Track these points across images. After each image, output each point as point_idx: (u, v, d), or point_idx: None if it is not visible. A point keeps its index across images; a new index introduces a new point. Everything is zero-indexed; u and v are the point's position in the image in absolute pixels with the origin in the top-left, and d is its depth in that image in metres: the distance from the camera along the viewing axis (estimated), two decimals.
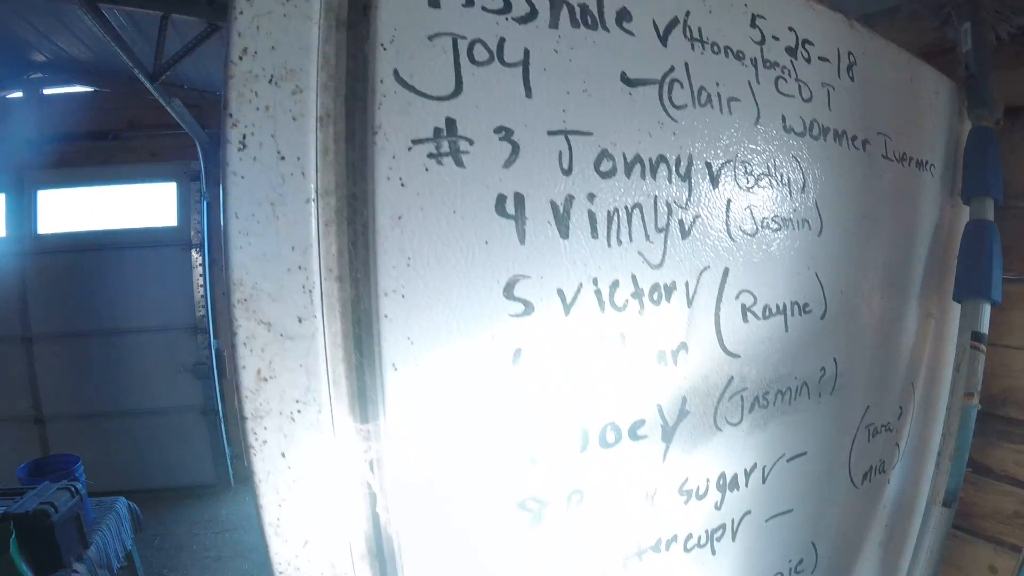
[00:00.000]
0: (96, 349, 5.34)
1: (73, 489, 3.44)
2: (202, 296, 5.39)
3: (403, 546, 0.95)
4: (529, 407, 0.99)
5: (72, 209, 5.22)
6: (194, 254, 5.35)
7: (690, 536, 1.23)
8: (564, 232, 0.98)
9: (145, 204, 5.35)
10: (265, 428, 0.87)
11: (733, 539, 1.30)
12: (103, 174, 5.17)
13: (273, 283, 0.86)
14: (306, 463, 0.89)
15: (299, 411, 0.89)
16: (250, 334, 0.86)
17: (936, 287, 1.65)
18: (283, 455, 0.89)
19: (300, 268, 0.87)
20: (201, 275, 5.35)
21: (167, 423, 5.56)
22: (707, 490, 1.21)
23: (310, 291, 0.88)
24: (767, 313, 1.23)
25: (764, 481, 1.30)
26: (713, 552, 1.28)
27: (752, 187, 1.19)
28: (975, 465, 2.05)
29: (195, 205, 5.30)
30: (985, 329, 1.61)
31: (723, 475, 1.23)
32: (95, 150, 5.10)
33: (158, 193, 5.33)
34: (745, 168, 1.18)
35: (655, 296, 1.07)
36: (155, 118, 4.81)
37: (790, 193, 1.25)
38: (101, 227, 5.23)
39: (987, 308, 1.61)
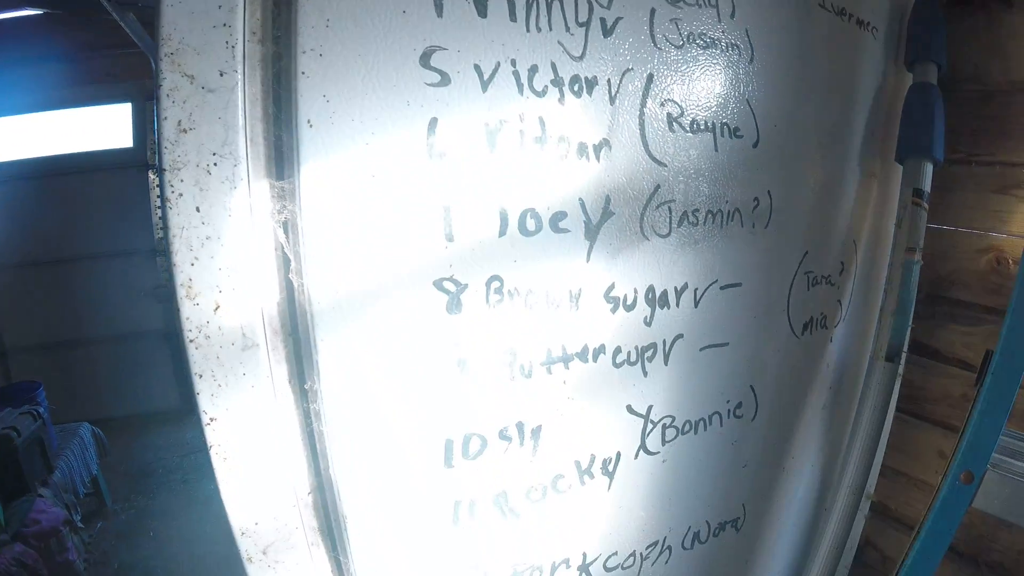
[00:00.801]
0: (55, 278, 5.42)
1: (35, 413, 3.54)
2: (160, 218, 5.36)
3: (316, 317, 1.01)
4: (446, 179, 1.05)
5: (26, 135, 5.22)
6: (151, 175, 5.40)
7: (619, 350, 1.29)
8: (482, 11, 1.05)
9: (100, 126, 5.37)
10: (182, 180, 0.94)
11: (666, 362, 1.37)
12: (57, 98, 5.17)
13: (199, 38, 0.92)
14: (220, 219, 0.96)
15: (215, 164, 0.95)
16: (174, 86, 0.92)
17: (878, 149, 1.72)
18: (198, 209, 0.95)
19: (225, 25, 0.94)
20: (159, 196, 5.24)
21: (129, 349, 5.68)
22: (635, 301, 1.28)
23: (232, 47, 0.94)
24: (695, 127, 1.29)
25: (696, 304, 1.37)
26: (644, 373, 1.35)
27: (677, 1, 1.25)
28: (922, 348, 2.14)
29: (151, 125, 5.29)
30: (927, 187, 1.68)
31: (652, 288, 1.30)
32: (48, 74, 5.07)
33: (113, 115, 5.35)
34: None
35: (576, 87, 1.14)
36: (108, 38, 4.79)
37: (718, 16, 1.31)
38: (56, 152, 5.25)
39: (929, 167, 1.68)
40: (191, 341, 0.97)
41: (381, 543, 1.18)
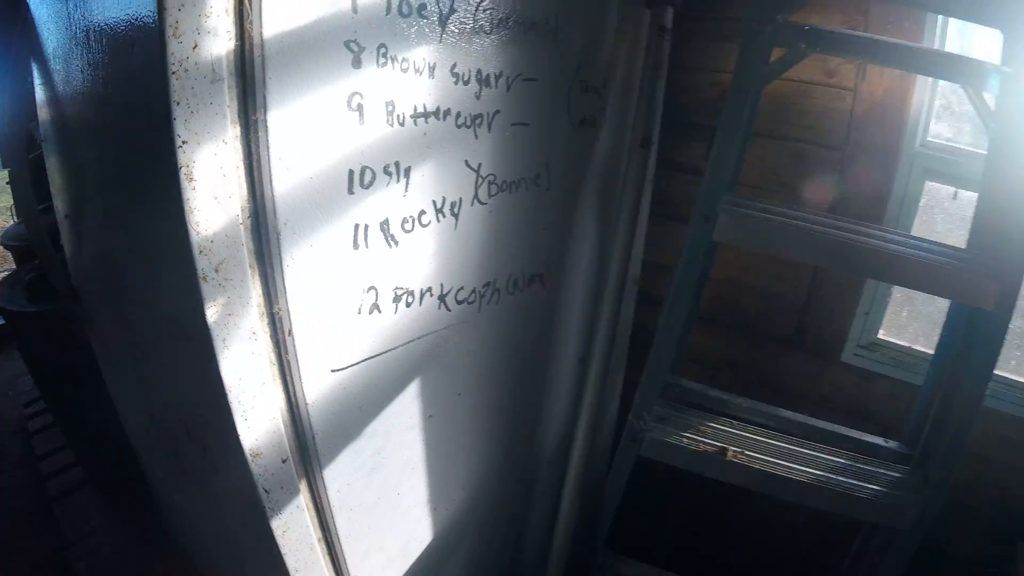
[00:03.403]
0: None
1: None
2: None
3: (267, 60, 1.42)
4: None
5: None
6: None
7: (459, 114, 1.85)
8: None
9: None
10: None
11: (489, 130, 1.94)
12: None
13: None
14: None
15: None
16: None
17: None
18: None
19: None
20: None
21: None
22: (470, 78, 1.84)
23: None
24: None
25: (508, 89, 1.96)
26: (476, 136, 1.92)
27: None
28: (670, 163, 2.97)
29: None
30: (669, 25, 2.39)
31: (480, 71, 1.87)
32: None
33: None
34: None
35: None
36: None
37: None
38: None
39: (671, 10, 2.39)
40: (173, 73, 1.32)
41: (301, 261, 1.62)
